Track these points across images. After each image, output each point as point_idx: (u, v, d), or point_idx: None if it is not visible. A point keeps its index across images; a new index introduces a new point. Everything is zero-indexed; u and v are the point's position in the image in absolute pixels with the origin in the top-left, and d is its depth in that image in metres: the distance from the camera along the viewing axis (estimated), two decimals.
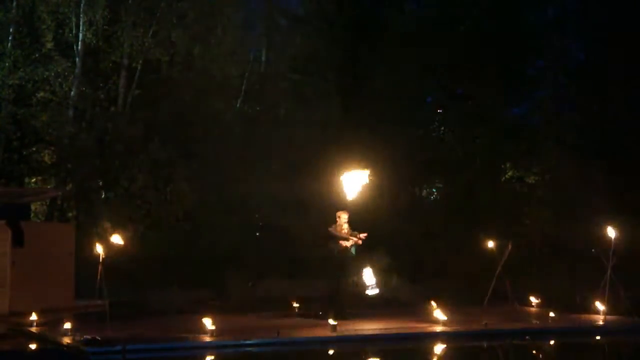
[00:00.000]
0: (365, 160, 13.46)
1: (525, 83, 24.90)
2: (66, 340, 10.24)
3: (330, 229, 13.05)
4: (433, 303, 12.94)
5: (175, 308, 14.11)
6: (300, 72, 24.53)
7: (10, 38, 19.71)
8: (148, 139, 19.47)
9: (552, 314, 12.94)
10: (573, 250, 18.51)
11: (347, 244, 12.97)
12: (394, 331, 11.77)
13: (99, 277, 11.54)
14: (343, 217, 13.06)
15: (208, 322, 10.69)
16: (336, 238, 12.98)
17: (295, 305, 14.17)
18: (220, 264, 18.15)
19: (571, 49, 25.12)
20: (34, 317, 11.70)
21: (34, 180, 21.94)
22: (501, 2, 23.43)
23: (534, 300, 14.67)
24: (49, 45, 20.15)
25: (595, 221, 16.18)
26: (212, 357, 10.13)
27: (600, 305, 13.46)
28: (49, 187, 20.54)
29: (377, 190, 20.22)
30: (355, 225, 13.26)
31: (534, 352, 11.52)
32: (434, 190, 25.86)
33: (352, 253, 13.07)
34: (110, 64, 21.19)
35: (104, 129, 19.75)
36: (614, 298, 13.72)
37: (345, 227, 13.04)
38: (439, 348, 11.32)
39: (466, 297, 15.52)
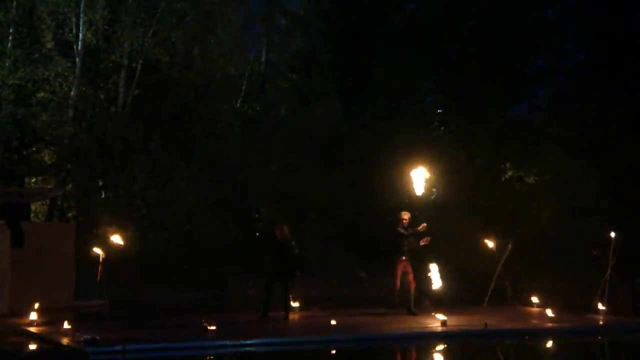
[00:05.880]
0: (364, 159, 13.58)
1: (525, 83, 24.90)
2: (66, 340, 10.24)
3: (399, 229, 13.42)
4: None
5: (175, 308, 14.11)
6: (300, 72, 24.54)
7: (10, 38, 19.71)
8: (148, 139, 19.48)
9: (552, 314, 12.93)
10: (573, 250, 18.49)
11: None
12: (394, 331, 11.77)
13: (99, 277, 11.54)
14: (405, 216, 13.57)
15: (208, 322, 10.69)
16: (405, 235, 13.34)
17: (295, 305, 14.17)
18: (220, 264, 18.16)
19: (571, 49, 25.11)
20: (34, 317, 11.70)
21: (34, 180, 21.93)
22: (501, 2, 23.43)
23: (534, 300, 14.66)
24: (49, 45, 20.16)
25: (595, 221, 16.19)
26: (212, 357, 10.13)
27: (600, 305, 13.45)
28: (49, 187, 20.53)
29: (377, 190, 20.32)
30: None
31: (534, 352, 11.52)
32: (434, 190, 25.84)
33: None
34: (110, 64, 21.20)
35: (104, 129, 19.76)
36: (614, 298, 13.72)
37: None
38: (439, 348, 11.32)
39: (466, 297, 15.52)
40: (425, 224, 13.34)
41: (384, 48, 23.17)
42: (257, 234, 21.39)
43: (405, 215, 13.65)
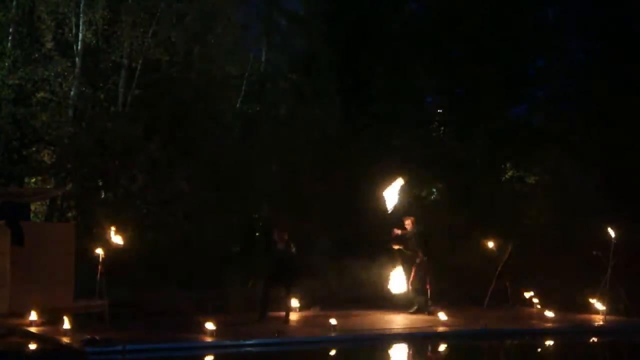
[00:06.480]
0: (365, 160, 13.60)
1: (525, 83, 24.91)
2: (66, 340, 10.23)
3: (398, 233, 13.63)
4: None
5: (175, 308, 14.10)
6: (300, 72, 24.54)
7: (10, 38, 19.70)
8: (148, 139, 19.47)
9: (552, 314, 12.93)
10: (573, 250, 18.49)
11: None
12: (394, 331, 11.77)
13: (99, 277, 11.54)
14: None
15: (208, 322, 10.69)
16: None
17: (295, 305, 14.16)
18: (220, 264, 18.15)
19: (571, 49, 25.13)
20: (34, 317, 11.69)
21: (33, 180, 21.91)
22: (501, 2, 23.44)
23: (534, 300, 14.66)
24: (49, 45, 20.13)
25: (595, 221, 16.18)
26: (212, 357, 10.13)
27: (600, 305, 13.45)
28: (49, 187, 20.52)
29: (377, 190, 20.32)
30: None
31: (534, 352, 11.52)
32: (434, 190, 25.86)
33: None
34: (110, 64, 21.17)
35: (104, 129, 19.74)
36: (614, 298, 13.71)
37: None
38: (439, 348, 11.32)
39: (466, 297, 15.52)
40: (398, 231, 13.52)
41: (384, 48, 23.16)
42: (257, 234, 21.40)
43: (407, 224, 13.66)
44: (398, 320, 12.76)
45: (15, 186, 19.94)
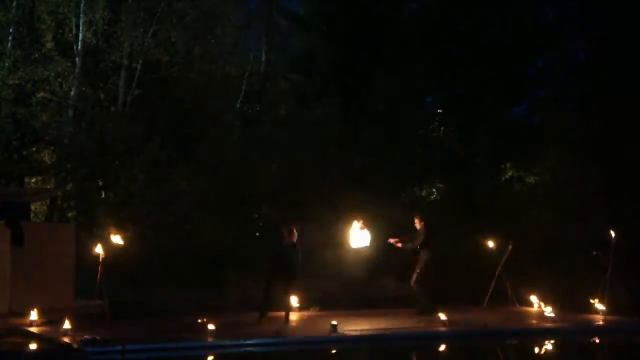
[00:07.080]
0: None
1: (525, 83, 24.92)
2: (66, 340, 10.23)
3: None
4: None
5: (175, 308, 14.10)
6: (300, 72, 24.55)
7: (10, 38, 19.72)
8: (148, 139, 19.47)
9: (552, 314, 12.93)
10: (573, 250, 18.50)
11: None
12: (394, 331, 11.76)
13: (99, 277, 11.53)
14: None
15: (208, 322, 10.68)
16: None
17: (295, 305, 14.16)
18: (220, 264, 18.15)
19: (571, 49, 25.15)
20: (34, 317, 11.69)
21: (34, 180, 21.93)
22: (501, 2, 23.45)
23: (534, 300, 14.66)
24: (49, 45, 20.17)
25: (595, 221, 16.18)
26: (212, 357, 10.13)
27: (600, 305, 13.44)
28: (49, 187, 20.53)
29: (377, 191, 20.33)
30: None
31: (534, 352, 11.51)
32: (434, 190, 25.87)
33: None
34: (110, 64, 21.20)
35: (104, 129, 19.75)
36: (614, 298, 13.71)
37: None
38: (439, 348, 11.31)
39: (466, 297, 15.51)
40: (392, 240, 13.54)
41: (384, 48, 23.18)
42: (257, 234, 21.38)
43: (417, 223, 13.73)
44: (398, 320, 12.75)
45: (15, 186, 19.94)
